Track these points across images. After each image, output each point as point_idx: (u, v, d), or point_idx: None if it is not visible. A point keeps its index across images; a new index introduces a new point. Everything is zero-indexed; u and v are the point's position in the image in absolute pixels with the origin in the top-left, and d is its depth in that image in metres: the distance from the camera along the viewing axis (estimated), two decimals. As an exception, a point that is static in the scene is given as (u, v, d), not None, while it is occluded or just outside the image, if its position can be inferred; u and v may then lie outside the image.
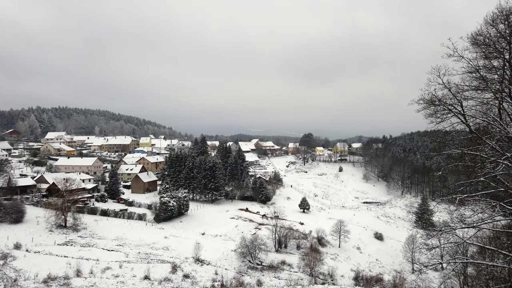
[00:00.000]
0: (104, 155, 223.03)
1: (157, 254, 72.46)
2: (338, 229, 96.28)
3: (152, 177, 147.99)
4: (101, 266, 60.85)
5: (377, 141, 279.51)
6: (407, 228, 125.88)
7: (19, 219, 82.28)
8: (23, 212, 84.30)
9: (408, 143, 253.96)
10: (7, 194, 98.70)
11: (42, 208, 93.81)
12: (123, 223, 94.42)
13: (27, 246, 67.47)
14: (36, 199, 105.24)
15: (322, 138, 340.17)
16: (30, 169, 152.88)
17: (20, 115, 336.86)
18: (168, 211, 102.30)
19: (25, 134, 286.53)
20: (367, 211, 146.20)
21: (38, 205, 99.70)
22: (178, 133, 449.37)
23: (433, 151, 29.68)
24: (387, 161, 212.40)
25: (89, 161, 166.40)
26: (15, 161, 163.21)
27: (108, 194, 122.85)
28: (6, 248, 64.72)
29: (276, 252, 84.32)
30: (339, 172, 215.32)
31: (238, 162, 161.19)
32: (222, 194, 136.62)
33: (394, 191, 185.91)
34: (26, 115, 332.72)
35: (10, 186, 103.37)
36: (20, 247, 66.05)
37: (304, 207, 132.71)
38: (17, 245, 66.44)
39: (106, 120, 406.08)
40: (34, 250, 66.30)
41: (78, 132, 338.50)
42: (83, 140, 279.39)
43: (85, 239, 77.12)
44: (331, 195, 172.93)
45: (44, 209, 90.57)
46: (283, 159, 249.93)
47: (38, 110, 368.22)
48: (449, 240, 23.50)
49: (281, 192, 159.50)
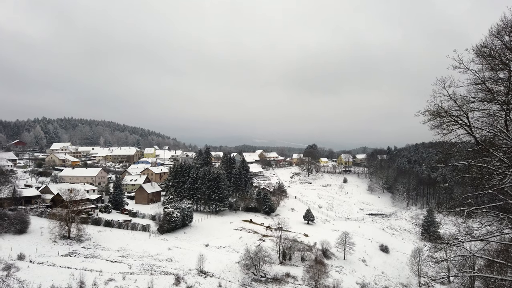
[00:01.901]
0: (108, 165, 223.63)
1: (161, 265, 72.00)
2: (343, 241, 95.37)
3: (156, 188, 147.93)
4: (104, 278, 60.51)
5: (382, 152, 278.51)
6: (413, 241, 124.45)
7: (23, 230, 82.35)
8: (27, 223, 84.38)
9: (413, 154, 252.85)
10: (11, 205, 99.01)
11: (46, 219, 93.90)
12: (126, 234, 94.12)
13: (31, 257, 67.34)
14: (40, 209, 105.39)
15: (326, 149, 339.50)
16: (35, 179, 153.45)
17: (26, 125, 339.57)
18: (172, 222, 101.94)
19: (30, 145, 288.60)
20: (372, 223, 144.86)
21: (43, 215, 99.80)
22: (182, 144, 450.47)
23: (439, 163, 29.42)
24: (392, 173, 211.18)
25: (93, 171, 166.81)
26: (20, 172, 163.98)
27: (112, 205, 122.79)
28: (10, 259, 64.64)
29: (280, 264, 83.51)
30: (344, 183, 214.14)
31: (242, 173, 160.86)
32: (226, 205, 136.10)
33: (399, 203, 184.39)
34: (32, 126, 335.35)
35: (15, 196, 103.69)
36: (24, 258, 65.92)
37: (309, 218, 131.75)
38: (20, 256, 66.34)
39: (111, 130, 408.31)
40: (38, 261, 66.12)
41: (83, 143, 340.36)
42: (88, 151, 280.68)
43: (89, 250, 76.87)
44: (335, 206, 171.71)
45: (48, 219, 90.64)
46: (287, 170, 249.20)
47: (43, 121, 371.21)
48: (456, 253, 23.17)
49: (285, 203, 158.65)
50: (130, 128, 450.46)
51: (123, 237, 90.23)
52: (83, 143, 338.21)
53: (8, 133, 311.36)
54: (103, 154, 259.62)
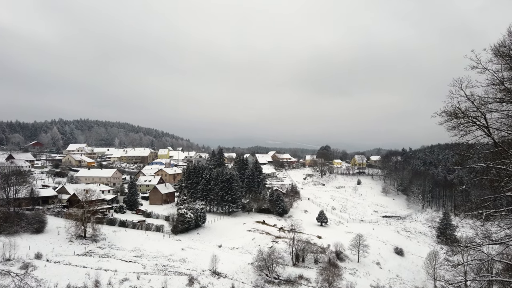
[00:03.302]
0: (123, 166, 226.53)
1: (174, 266, 72.52)
2: (357, 244, 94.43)
3: (170, 188, 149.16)
4: (119, 277, 61.26)
5: (396, 154, 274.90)
6: (428, 244, 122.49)
7: (41, 229, 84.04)
8: (44, 222, 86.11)
9: (428, 156, 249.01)
10: (29, 205, 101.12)
11: (63, 219, 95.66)
12: (141, 234, 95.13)
13: (48, 256, 68.63)
14: (57, 209, 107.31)
15: (339, 151, 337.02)
16: (52, 180, 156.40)
17: (43, 127, 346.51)
18: (185, 222, 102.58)
19: (47, 146, 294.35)
20: (386, 225, 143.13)
21: (59, 215, 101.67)
22: (195, 145, 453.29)
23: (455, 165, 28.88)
24: (407, 174, 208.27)
25: (108, 172, 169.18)
26: (37, 172, 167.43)
27: (127, 205, 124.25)
28: (28, 257, 66.03)
29: (293, 266, 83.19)
30: (358, 185, 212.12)
31: (255, 174, 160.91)
32: (239, 206, 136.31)
33: (414, 205, 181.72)
34: (49, 127, 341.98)
35: (33, 196, 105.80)
36: (41, 257, 67.24)
37: (322, 220, 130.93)
38: (38, 255, 67.71)
39: (125, 132, 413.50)
40: (54, 260, 67.37)
41: (98, 144, 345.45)
42: (103, 152, 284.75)
43: (104, 250, 77.93)
44: (349, 208, 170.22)
45: (65, 219, 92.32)
46: (300, 172, 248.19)
47: (60, 122, 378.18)
48: (474, 257, 22.73)
49: (298, 205, 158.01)
50: (144, 129, 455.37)
51: (138, 237, 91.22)
52: (98, 144, 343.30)
53: (26, 135, 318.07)
54: (118, 155, 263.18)
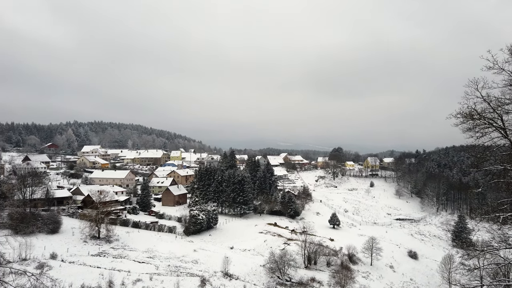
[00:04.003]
0: (136, 168, 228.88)
1: (186, 267, 72.86)
2: (369, 246, 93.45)
3: (182, 190, 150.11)
4: (132, 278, 61.81)
5: (410, 156, 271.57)
6: (443, 247, 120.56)
7: (56, 230, 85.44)
8: (59, 223, 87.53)
9: (443, 158, 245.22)
10: (45, 205, 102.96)
11: (77, 219, 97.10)
12: (153, 235, 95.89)
13: (63, 256, 69.70)
14: (71, 210, 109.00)
15: (352, 153, 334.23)
16: (66, 181, 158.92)
17: (58, 129, 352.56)
18: (197, 224, 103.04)
19: (62, 148, 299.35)
20: (400, 228, 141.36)
21: (74, 216, 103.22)
22: (207, 147, 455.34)
23: (471, 167, 28.53)
24: (421, 177, 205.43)
25: (122, 174, 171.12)
26: (53, 173, 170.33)
27: (140, 207, 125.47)
28: (43, 257, 67.15)
29: (305, 268, 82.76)
30: (370, 187, 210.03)
31: (267, 176, 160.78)
32: (250, 208, 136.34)
33: (428, 208, 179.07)
34: (64, 129, 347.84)
35: (48, 197, 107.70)
36: (56, 257, 68.31)
37: (334, 222, 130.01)
38: (53, 255, 68.81)
39: (138, 134, 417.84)
40: (69, 260, 68.37)
41: (112, 146, 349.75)
42: (117, 153, 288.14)
43: (117, 251, 78.77)
44: (362, 211, 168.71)
45: (79, 220, 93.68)
46: (312, 174, 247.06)
47: (75, 124, 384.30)
48: (490, 261, 22.30)
49: (310, 207, 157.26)
50: (157, 131, 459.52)
51: (150, 238, 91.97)
52: (112, 146, 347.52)
53: (42, 136, 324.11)
54: (131, 156, 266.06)
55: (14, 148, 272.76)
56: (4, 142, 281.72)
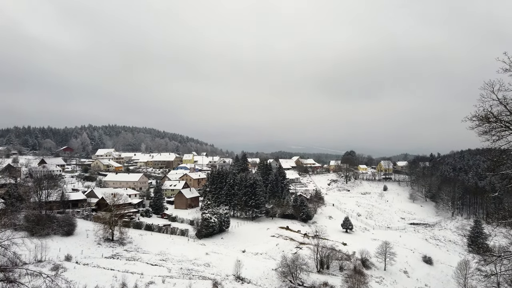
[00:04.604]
0: (149, 171, 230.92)
1: (199, 270, 73.04)
2: (383, 251, 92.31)
3: (194, 193, 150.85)
4: (145, 280, 62.21)
5: (424, 159, 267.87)
6: (459, 252, 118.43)
7: (70, 232, 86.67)
8: (74, 225, 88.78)
9: (458, 161, 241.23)
10: (60, 208, 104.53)
11: (92, 222, 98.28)
12: (166, 238, 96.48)
13: (77, 258, 70.62)
14: (86, 212, 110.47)
15: (365, 156, 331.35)
16: (81, 184, 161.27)
17: (73, 132, 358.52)
18: (209, 227, 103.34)
19: (77, 151, 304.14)
20: (414, 233, 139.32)
21: (88, 218, 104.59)
22: (219, 150, 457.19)
23: (487, 171, 27.91)
24: (436, 181, 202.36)
25: (135, 177, 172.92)
26: (68, 176, 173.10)
27: (153, 209, 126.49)
28: (58, 259, 68.16)
29: (318, 272, 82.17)
30: (384, 191, 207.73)
31: (279, 180, 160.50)
32: (262, 211, 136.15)
33: (443, 212, 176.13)
34: (79, 133, 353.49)
35: (63, 200, 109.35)
36: (71, 259, 69.26)
37: (347, 227, 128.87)
38: (68, 257, 69.79)
39: (151, 137, 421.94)
40: (83, 262, 69.23)
41: (125, 149, 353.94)
42: (130, 157, 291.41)
43: (131, 253, 79.47)
44: (375, 215, 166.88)
45: (93, 222, 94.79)
46: (325, 177, 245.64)
47: (89, 128, 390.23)
48: (508, 266, 21.79)
49: (323, 211, 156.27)
50: (169, 134, 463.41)
51: (163, 241, 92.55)
52: (125, 149, 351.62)
53: (57, 140, 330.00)
54: (144, 160, 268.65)
55: (30, 152, 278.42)
56: (21, 145, 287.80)
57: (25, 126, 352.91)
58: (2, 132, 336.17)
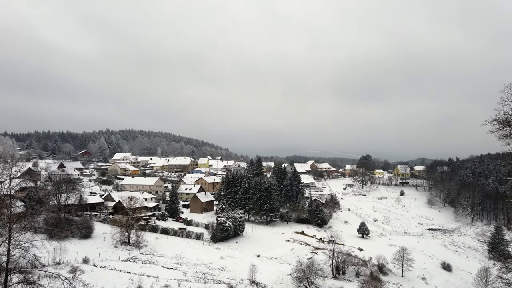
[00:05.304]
0: (165, 175, 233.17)
1: (214, 274, 73.14)
2: (400, 257, 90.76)
3: (209, 197, 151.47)
4: (161, 284, 62.64)
5: (442, 164, 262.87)
6: (479, 259, 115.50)
7: (88, 235, 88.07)
8: (91, 228, 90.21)
9: (477, 166, 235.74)
10: (78, 211, 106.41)
11: (109, 225, 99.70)
12: (181, 241, 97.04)
13: (94, 261, 71.65)
14: (103, 216, 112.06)
15: (381, 160, 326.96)
16: (99, 187, 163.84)
17: (91, 137, 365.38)
18: (224, 231, 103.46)
19: (95, 155, 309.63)
20: (432, 239, 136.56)
21: (105, 221, 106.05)
22: (234, 154, 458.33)
23: (508, 176, 27.25)
24: (454, 186, 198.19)
25: (151, 180, 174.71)
26: (86, 180, 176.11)
27: (168, 213, 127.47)
28: (76, 261, 69.29)
29: (333, 278, 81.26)
30: (401, 196, 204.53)
31: (294, 184, 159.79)
32: (277, 216, 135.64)
33: (463, 218, 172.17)
34: (97, 137, 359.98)
35: (81, 203, 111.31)
36: (88, 262, 70.32)
37: (363, 232, 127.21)
38: (85, 259, 70.90)
39: (167, 141, 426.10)
40: (101, 265, 70.19)
41: (142, 153, 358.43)
42: (146, 161, 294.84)
43: (147, 256, 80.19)
44: (392, 220, 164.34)
45: (110, 225, 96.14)
46: (340, 182, 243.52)
47: (107, 133, 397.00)
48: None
49: (338, 216, 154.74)
50: (185, 139, 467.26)
51: (178, 244, 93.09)
52: (142, 153, 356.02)
53: (76, 144, 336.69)
54: (160, 164, 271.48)
55: (50, 156, 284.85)
56: (41, 149, 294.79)
57: (45, 131, 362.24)
58: (23, 137, 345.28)
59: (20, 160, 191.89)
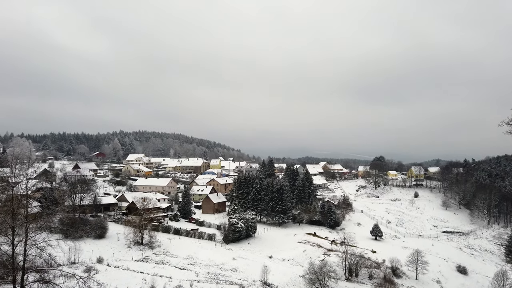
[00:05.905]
0: (177, 176, 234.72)
1: (226, 275, 73.29)
2: (414, 260, 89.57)
3: (221, 198, 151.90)
4: (173, 284, 63.04)
5: (457, 165, 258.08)
6: (495, 263, 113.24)
7: (102, 235, 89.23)
8: (105, 229, 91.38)
9: (494, 167, 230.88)
10: (92, 211, 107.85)
11: (122, 225, 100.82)
12: (194, 242, 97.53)
13: (108, 261, 72.55)
14: (117, 216, 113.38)
15: (394, 162, 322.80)
16: (112, 188, 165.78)
17: (106, 138, 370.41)
18: (236, 232, 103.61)
19: (109, 156, 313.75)
20: (447, 242, 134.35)
21: (119, 222, 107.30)
22: (246, 155, 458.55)
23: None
24: (470, 187, 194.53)
25: (164, 181, 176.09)
26: (100, 181, 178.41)
27: (181, 214, 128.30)
28: (90, 261, 70.28)
29: (346, 280, 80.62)
30: (415, 198, 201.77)
31: (306, 185, 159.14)
32: (289, 217, 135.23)
33: (478, 221, 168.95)
34: (111, 139, 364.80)
35: (96, 204, 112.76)
36: (102, 261, 71.25)
37: (376, 234, 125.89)
38: (99, 259, 71.85)
39: (180, 143, 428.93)
40: (114, 264, 71.03)
41: (155, 154, 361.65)
42: (159, 162, 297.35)
43: (159, 257, 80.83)
44: (405, 222, 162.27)
45: (124, 226, 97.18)
46: (353, 183, 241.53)
47: (120, 134, 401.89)
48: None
49: (351, 218, 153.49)
50: (197, 140, 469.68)
51: (191, 245, 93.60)
52: (155, 155, 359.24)
53: (90, 145, 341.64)
54: (173, 165, 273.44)
55: (65, 157, 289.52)
56: (56, 151, 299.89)
57: (60, 132, 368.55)
58: (39, 138, 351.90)
59: (36, 161, 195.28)
